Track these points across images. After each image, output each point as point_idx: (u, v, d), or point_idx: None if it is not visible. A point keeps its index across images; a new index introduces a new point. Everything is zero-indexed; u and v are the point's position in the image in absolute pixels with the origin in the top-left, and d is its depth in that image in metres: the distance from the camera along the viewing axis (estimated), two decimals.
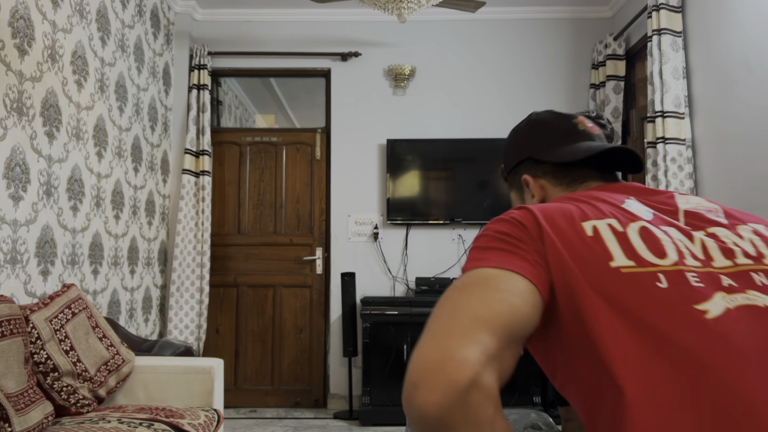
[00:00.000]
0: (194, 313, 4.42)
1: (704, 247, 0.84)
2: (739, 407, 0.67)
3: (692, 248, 0.84)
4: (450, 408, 0.64)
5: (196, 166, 4.55)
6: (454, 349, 0.66)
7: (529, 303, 0.76)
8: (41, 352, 2.35)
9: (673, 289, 0.78)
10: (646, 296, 0.77)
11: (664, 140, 3.46)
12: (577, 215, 0.86)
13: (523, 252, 0.81)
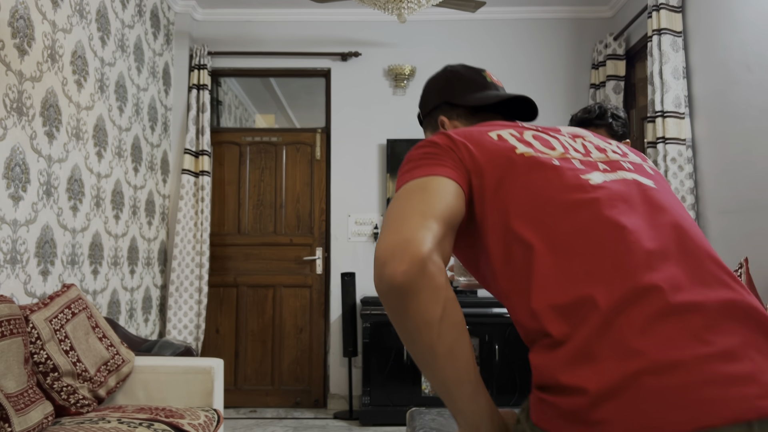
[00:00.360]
0: (193, 313, 4.42)
1: (584, 146, 1.06)
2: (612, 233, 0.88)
3: (575, 146, 1.05)
4: (414, 276, 0.80)
5: (195, 166, 4.54)
6: (411, 233, 0.83)
7: (458, 197, 0.93)
8: (41, 352, 2.35)
9: (564, 167, 0.97)
10: (544, 171, 0.96)
11: (664, 140, 3.46)
12: (484, 130, 1.05)
13: (445, 161, 0.97)
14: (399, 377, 4.16)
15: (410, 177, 0.95)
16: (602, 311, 0.80)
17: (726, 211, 3.16)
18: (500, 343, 4.17)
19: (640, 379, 0.74)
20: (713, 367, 0.75)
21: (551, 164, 0.97)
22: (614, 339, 0.78)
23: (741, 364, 0.76)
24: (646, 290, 0.80)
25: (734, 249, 3.07)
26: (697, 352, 0.76)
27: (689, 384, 0.74)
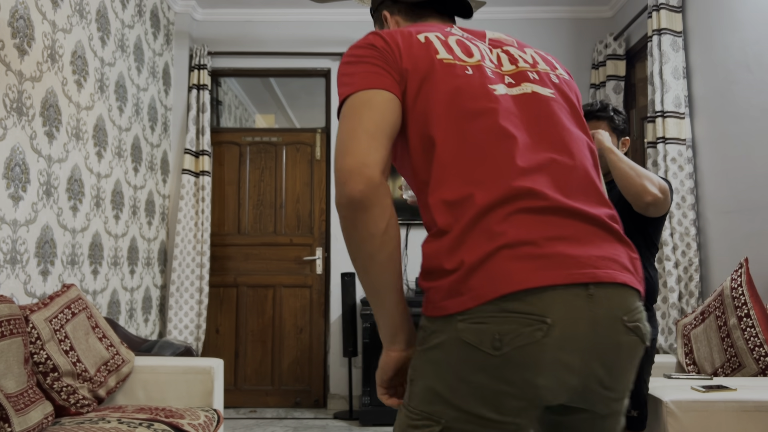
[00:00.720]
0: (194, 313, 4.42)
1: (498, 57, 1.17)
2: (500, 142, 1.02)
3: (490, 56, 1.17)
4: (368, 195, 0.96)
5: (195, 166, 4.54)
6: (365, 156, 0.98)
7: (397, 112, 1.06)
8: (41, 352, 2.35)
9: (475, 75, 1.09)
10: (458, 78, 1.08)
11: (664, 140, 3.46)
12: (413, 32, 1.15)
13: (383, 69, 1.08)
14: None
15: (353, 88, 1.06)
16: (478, 207, 0.96)
17: (726, 211, 3.16)
18: None
19: (500, 252, 0.93)
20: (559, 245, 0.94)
21: (464, 73, 1.09)
22: (483, 227, 0.95)
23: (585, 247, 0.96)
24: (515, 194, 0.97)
25: (734, 249, 3.07)
26: (546, 234, 0.94)
27: (538, 254, 0.92)
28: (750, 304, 2.55)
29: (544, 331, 0.90)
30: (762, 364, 2.46)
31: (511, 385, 0.92)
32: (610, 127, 2.15)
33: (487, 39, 1.22)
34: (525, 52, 1.20)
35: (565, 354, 0.92)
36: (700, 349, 2.73)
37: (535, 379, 0.92)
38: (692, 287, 3.35)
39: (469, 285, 0.93)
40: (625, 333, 0.96)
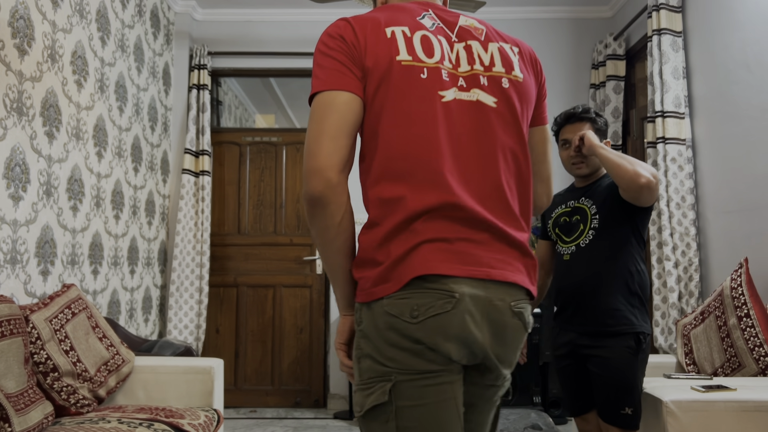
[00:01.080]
0: (193, 313, 4.42)
1: (458, 56, 1.24)
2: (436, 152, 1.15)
3: (450, 55, 1.24)
4: (328, 193, 1.13)
5: (195, 166, 4.55)
6: (326, 159, 1.13)
7: (357, 110, 1.18)
8: (41, 352, 2.35)
9: (429, 79, 1.19)
10: (412, 82, 1.18)
11: (664, 140, 3.46)
12: (383, 22, 1.22)
13: (346, 68, 1.18)
14: None
15: (321, 86, 1.19)
16: (408, 211, 1.13)
17: (726, 211, 3.16)
18: None
19: (421, 245, 1.11)
20: (467, 246, 1.14)
21: (419, 77, 1.19)
22: (410, 228, 1.13)
23: (487, 251, 1.15)
24: (440, 205, 1.13)
25: (734, 249, 3.08)
26: (458, 235, 1.13)
27: (449, 249, 1.12)
28: (750, 304, 2.55)
29: (453, 303, 1.10)
30: (762, 364, 2.46)
31: (427, 345, 1.11)
32: (593, 128, 2.23)
33: (457, 27, 1.28)
34: (487, 49, 1.27)
35: (467, 323, 1.11)
36: (700, 349, 2.73)
37: (445, 341, 1.11)
38: (692, 287, 3.35)
39: (394, 273, 1.12)
40: (511, 316, 1.17)
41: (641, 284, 2.14)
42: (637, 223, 2.14)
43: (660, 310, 3.47)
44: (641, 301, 2.14)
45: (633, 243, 2.14)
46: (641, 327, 2.10)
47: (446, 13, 1.30)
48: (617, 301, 2.10)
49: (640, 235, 2.16)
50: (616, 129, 4.42)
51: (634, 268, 2.13)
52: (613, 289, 2.11)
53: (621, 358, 2.07)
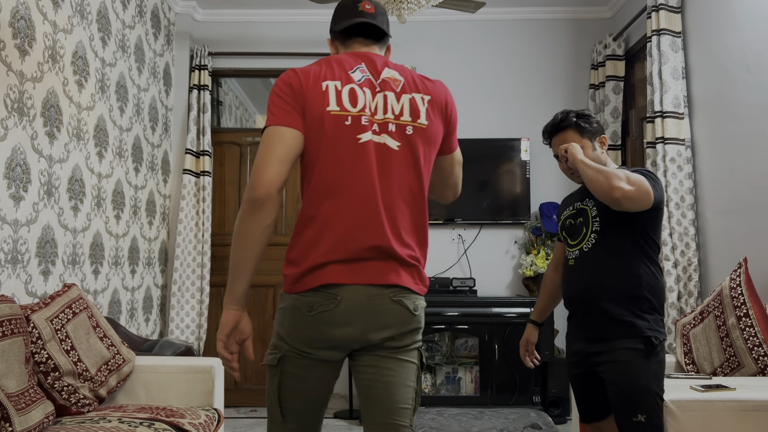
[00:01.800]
0: (195, 313, 4.43)
1: (376, 105, 1.58)
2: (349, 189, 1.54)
3: (371, 104, 1.58)
4: (267, 200, 1.48)
5: (196, 166, 4.55)
6: (272, 177, 1.49)
7: (298, 143, 1.54)
8: (42, 351, 2.36)
9: (352, 126, 1.55)
10: (338, 128, 1.54)
11: (664, 140, 3.47)
12: (321, 75, 1.57)
13: (292, 109, 1.54)
14: None
15: (273, 121, 1.54)
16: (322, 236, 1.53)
17: (725, 212, 3.16)
18: (500, 342, 4.18)
19: (327, 265, 1.52)
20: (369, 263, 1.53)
21: (344, 124, 1.54)
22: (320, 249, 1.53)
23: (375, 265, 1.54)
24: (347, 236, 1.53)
25: (733, 249, 3.08)
26: (355, 257, 1.52)
27: (347, 268, 1.52)
28: (749, 303, 2.56)
29: (336, 303, 1.52)
30: (761, 363, 2.47)
31: (317, 333, 1.53)
32: (578, 132, 2.13)
33: (381, 78, 1.61)
34: (399, 100, 1.60)
35: (348, 317, 1.52)
36: (699, 348, 2.74)
37: (331, 331, 1.53)
38: (691, 287, 3.36)
39: (305, 280, 1.53)
40: (391, 303, 1.55)
41: (652, 288, 2.02)
42: (642, 224, 2.03)
43: None
44: (653, 306, 2.02)
45: (639, 245, 2.03)
46: (651, 331, 1.99)
47: (375, 66, 1.62)
48: (623, 308, 2.00)
49: (648, 236, 2.04)
50: (616, 129, 4.42)
51: (643, 272, 2.02)
52: (618, 295, 2.01)
53: (631, 362, 1.97)
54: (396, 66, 1.65)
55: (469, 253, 4.69)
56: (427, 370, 4.30)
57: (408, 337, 1.58)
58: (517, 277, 4.68)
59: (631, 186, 1.92)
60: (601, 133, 2.17)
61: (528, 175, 4.60)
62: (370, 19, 1.66)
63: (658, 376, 2.00)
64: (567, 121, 2.14)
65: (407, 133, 1.58)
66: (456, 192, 1.86)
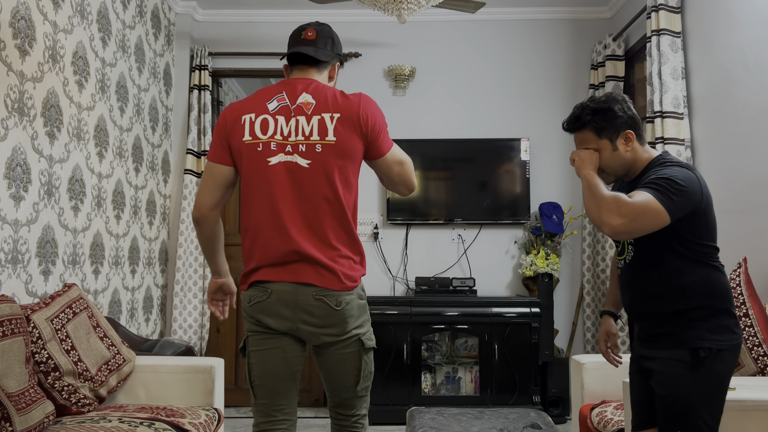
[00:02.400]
0: (197, 313, 4.44)
1: (290, 129, 1.87)
2: (266, 206, 1.87)
3: (284, 129, 1.88)
4: (201, 219, 1.96)
5: (197, 166, 4.56)
6: (205, 201, 1.94)
7: (224, 173, 1.93)
8: (42, 351, 2.36)
9: (263, 151, 1.87)
10: (251, 154, 1.88)
11: (663, 140, 3.47)
12: (242, 110, 1.92)
13: (220, 144, 1.93)
14: (399, 377, 4.17)
15: (209, 157, 1.96)
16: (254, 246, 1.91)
17: (724, 211, 3.17)
18: (499, 342, 4.18)
19: (261, 267, 1.89)
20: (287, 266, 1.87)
21: (256, 150, 1.87)
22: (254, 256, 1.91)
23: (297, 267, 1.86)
24: (268, 243, 1.88)
25: (733, 249, 3.08)
26: (282, 260, 1.86)
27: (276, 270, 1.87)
28: (749, 303, 2.56)
29: (267, 294, 1.87)
30: (761, 363, 2.47)
31: (258, 319, 1.89)
32: (595, 132, 1.92)
33: (296, 103, 1.90)
34: (309, 122, 1.87)
35: (277, 307, 1.86)
36: None
37: (265, 318, 1.88)
38: None
39: (247, 280, 1.93)
40: (314, 300, 1.85)
41: (707, 293, 1.83)
42: (678, 232, 1.81)
43: None
44: (711, 312, 1.82)
45: (680, 253, 1.84)
46: (702, 341, 1.79)
47: (294, 92, 1.90)
48: (666, 321, 1.86)
49: (690, 241, 1.84)
50: None
51: (689, 280, 1.83)
52: (660, 308, 1.87)
53: (674, 375, 1.81)
54: (316, 88, 1.91)
55: (469, 253, 4.69)
56: (427, 370, 4.31)
57: (336, 328, 1.88)
58: (517, 277, 4.69)
59: (623, 218, 1.71)
60: (627, 128, 1.91)
61: (528, 175, 4.61)
62: (308, 46, 1.95)
63: (709, 394, 1.80)
64: (581, 120, 1.93)
65: (317, 150, 1.85)
66: (408, 187, 2.03)
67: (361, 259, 1.94)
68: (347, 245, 1.89)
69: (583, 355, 3.05)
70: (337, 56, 2.04)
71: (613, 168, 1.93)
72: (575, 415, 2.99)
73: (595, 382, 2.91)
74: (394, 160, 1.97)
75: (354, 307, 1.89)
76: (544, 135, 4.76)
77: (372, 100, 1.97)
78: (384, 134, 1.94)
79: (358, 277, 1.92)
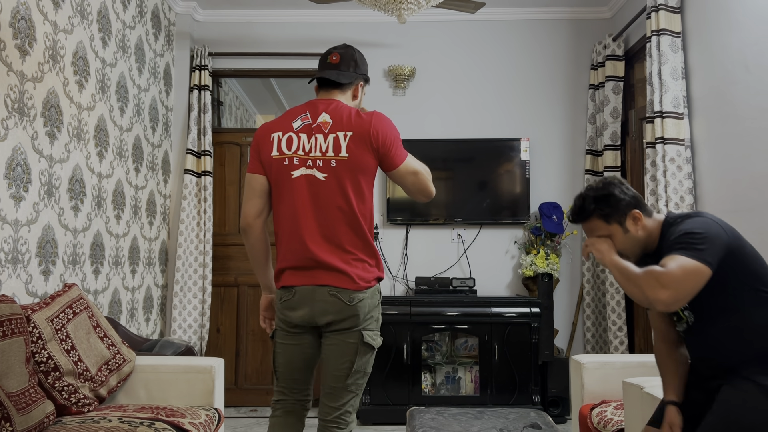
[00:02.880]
0: (197, 313, 4.44)
1: (311, 146, 2.08)
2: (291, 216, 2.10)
3: (305, 145, 2.09)
4: (247, 228, 2.16)
5: (197, 166, 4.56)
6: (249, 210, 2.16)
7: (261, 182, 2.15)
8: (42, 351, 2.36)
9: (288, 165, 2.09)
10: (279, 168, 2.10)
11: (663, 140, 3.47)
12: (272, 129, 2.15)
13: (256, 159, 2.16)
14: (399, 377, 4.17)
15: (248, 169, 2.18)
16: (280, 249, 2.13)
17: (724, 211, 3.17)
18: (499, 342, 4.18)
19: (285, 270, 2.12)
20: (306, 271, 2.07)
21: (283, 164, 2.10)
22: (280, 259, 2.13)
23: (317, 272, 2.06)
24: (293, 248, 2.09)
25: None
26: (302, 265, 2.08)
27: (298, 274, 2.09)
28: None
29: (293, 294, 2.09)
30: None
31: (285, 316, 2.12)
32: (603, 220, 1.93)
33: (317, 123, 2.11)
34: (326, 140, 2.08)
35: (300, 304, 2.08)
36: None
37: (290, 313, 2.10)
38: None
39: (279, 279, 2.15)
40: (329, 296, 2.05)
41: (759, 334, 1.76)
42: (728, 276, 1.75)
43: None
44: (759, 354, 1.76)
45: (738, 295, 1.78)
46: None
47: (316, 113, 2.12)
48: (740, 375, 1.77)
49: (743, 279, 1.78)
50: (615, 129, 4.43)
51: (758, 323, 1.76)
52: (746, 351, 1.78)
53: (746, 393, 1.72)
54: (335, 109, 2.12)
55: (469, 253, 4.69)
56: (427, 369, 4.31)
57: (348, 321, 2.07)
58: (517, 277, 4.69)
59: (668, 288, 1.65)
60: (632, 207, 1.92)
61: (528, 175, 4.61)
62: (332, 70, 2.19)
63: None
64: (586, 210, 1.95)
65: (332, 165, 2.06)
66: (424, 194, 2.20)
67: (376, 263, 2.15)
68: (361, 250, 2.09)
69: (583, 355, 3.05)
70: (360, 76, 2.24)
71: (630, 250, 1.92)
72: (575, 415, 2.99)
73: (595, 382, 2.91)
74: (407, 171, 2.14)
75: (366, 305, 2.08)
76: (544, 135, 4.76)
77: (384, 118, 2.12)
78: (396, 148, 2.11)
79: (371, 279, 2.11)
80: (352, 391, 2.14)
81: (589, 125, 4.67)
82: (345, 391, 2.13)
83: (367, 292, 2.08)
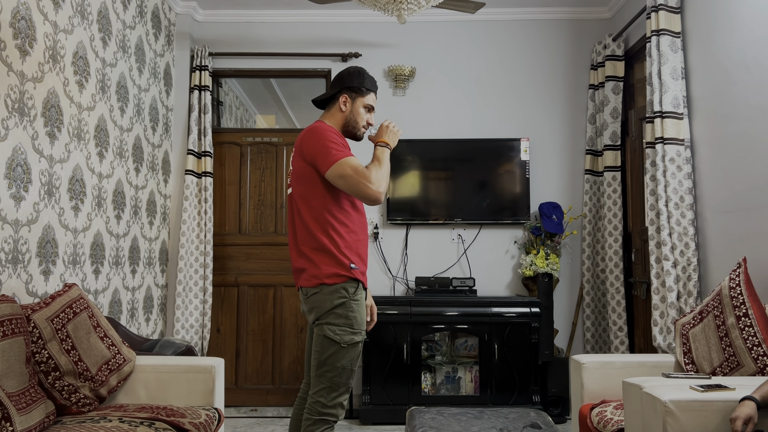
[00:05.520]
0: (198, 313, 4.44)
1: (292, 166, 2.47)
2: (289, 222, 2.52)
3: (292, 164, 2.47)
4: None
5: (198, 166, 4.56)
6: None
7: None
8: (42, 351, 2.36)
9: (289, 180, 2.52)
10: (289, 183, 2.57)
11: (663, 140, 3.47)
12: None
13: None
14: (399, 376, 4.18)
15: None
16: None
17: (724, 211, 3.17)
18: (499, 342, 4.18)
19: None
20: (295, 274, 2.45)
21: (289, 180, 2.48)
22: None
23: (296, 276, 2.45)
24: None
25: (732, 249, 3.09)
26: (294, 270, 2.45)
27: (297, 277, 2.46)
28: (748, 303, 2.56)
29: None
30: (760, 363, 2.47)
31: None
32: None
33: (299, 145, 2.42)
34: (292, 159, 2.44)
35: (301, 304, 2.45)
36: (699, 348, 2.74)
37: None
38: (690, 287, 3.36)
39: None
40: (305, 296, 2.37)
41: None
42: None
43: (659, 310, 3.48)
44: None
45: None
46: None
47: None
48: None
49: None
50: (615, 129, 4.43)
51: None
52: None
53: None
54: (308, 128, 2.39)
55: (468, 253, 4.70)
56: (427, 369, 4.31)
57: (311, 315, 2.38)
58: (517, 277, 4.69)
59: None
60: None
61: (528, 175, 4.61)
62: (320, 96, 2.55)
63: None
64: None
65: (291, 178, 2.43)
66: (360, 197, 2.33)
67: (336, 262, 2.32)
68: (313, 250, 2.35)
69: (583, 355, 3.05)
70: (343, 89, 2.47)
71: None
72: (575, 414, 2.99)
73: (594, 382, 2.91)
74: (335, 175, 2.30)
75: (317, 299, 2.32)
76: (544, 135, 4.76)
77: (314, 129, 2.36)
78: (320, 156, 2.30)
79: (324, 276, 2.31)
80: (322, 383, 2.31)
81: (589, 125, 4.67)
82: (317, 380, 2.33)
83: (318, 288, 2.32)
